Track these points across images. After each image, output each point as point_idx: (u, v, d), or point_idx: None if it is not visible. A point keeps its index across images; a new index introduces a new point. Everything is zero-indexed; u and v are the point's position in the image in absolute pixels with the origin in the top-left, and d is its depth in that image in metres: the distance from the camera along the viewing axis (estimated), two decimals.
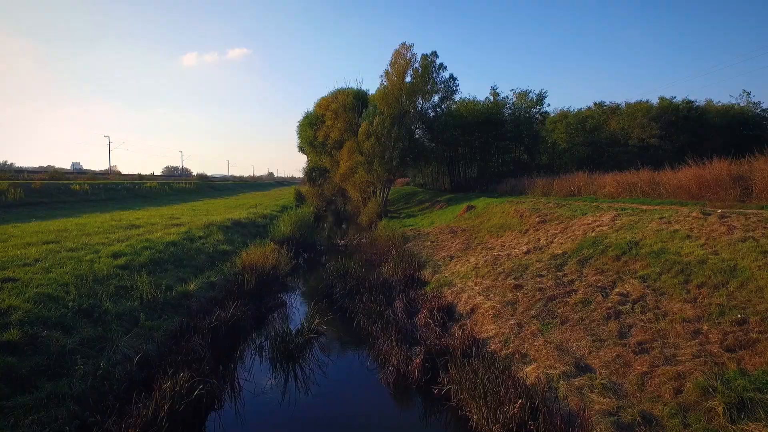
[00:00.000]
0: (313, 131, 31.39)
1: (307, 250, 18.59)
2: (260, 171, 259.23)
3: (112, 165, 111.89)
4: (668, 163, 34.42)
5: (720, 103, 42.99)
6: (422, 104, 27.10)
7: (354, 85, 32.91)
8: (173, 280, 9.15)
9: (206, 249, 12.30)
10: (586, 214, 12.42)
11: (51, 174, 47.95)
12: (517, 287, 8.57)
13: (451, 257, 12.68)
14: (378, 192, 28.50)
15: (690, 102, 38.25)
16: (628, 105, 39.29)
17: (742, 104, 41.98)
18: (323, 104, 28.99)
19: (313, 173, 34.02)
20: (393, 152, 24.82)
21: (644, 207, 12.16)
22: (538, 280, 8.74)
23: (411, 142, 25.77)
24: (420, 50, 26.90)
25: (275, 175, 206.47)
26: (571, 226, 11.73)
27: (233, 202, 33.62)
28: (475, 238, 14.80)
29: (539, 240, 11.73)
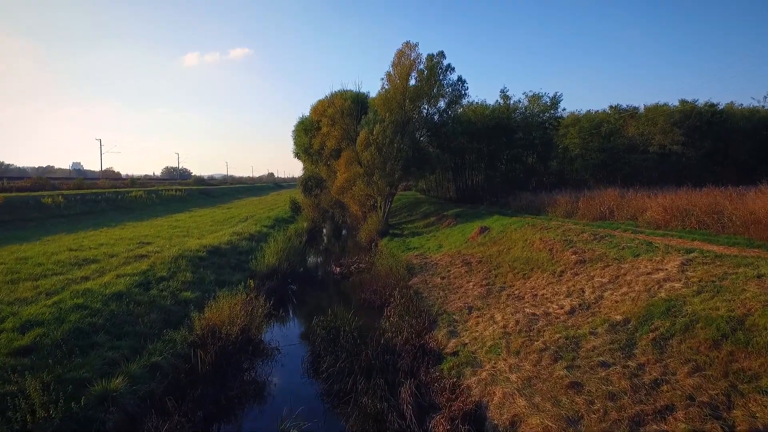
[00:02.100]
0: (309, 138, 28.92)
1: (298, 280, 16.11)
2: (260, 171, 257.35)
3: (108, 167, 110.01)
4: (694, 172, 31.95)
5: (742, 106, 40.47)
6: (427, 109, 24.58)
7: (353, 87, 30.42)
8: (97, 366, 6.66)
9: (162, 300, 9.81)
10: (638, 255, 9.90)
11: (35, 180, 45.55)
12: (574, 387, 6.06)
13: (470, 308, 10.17)
14: (378, 204, 25.99)
15: (713, 105, 35.63)
16: (647, 108, 36.71)
17: (767, 107, 39.48)
18: (319, 109, 26.49)
19: (309, 183, 31.56)
20: (395, 164, 22.30)
21: (715, 248, 9.64)
22: (603, 373, 6.23)
23: (415, 151, 23.26)
24: (420, 51, 25.11)
25: (275, 175, 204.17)
26: (624, 274, 9.21)
27: (222, 214, 31.19)
28: (496, 276, 12.29)
29: (583, 292, 9.22)
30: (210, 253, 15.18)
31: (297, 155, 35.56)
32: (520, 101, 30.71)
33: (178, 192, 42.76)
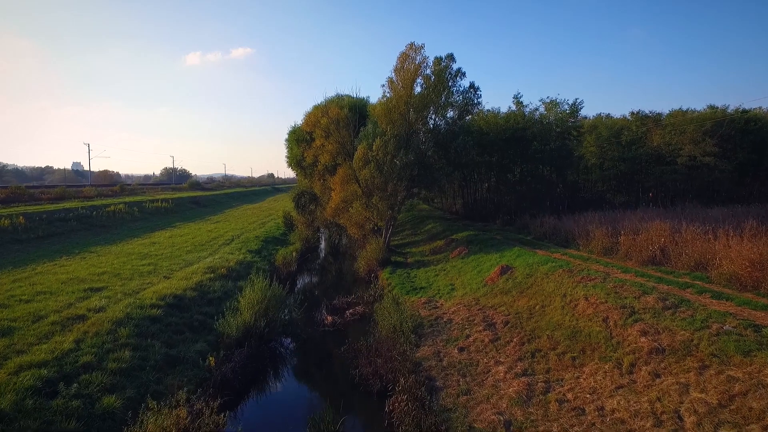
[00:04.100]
0: (301, 150, 25.92)
1: (278, 339, 13.08)
2: (260, 171, 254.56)
3: (105, 168, 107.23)
4: (725, 185, 28.90)
5: (765, 109, 37.38)
6: (435, 120, 21.59)
7: (351, 93, 27.43)
8: None
9: (65, 421, 6.82)
10: (750, 353, 6.90)
11: (11, 191, 42.71)
12: None
13: (508, 425, 7.18)
14: (378, 226, 22.98)
15: (746, 111, 32.58)
16: (671, 114, 33.62)
17: None
18: (311, 119, 23.48)
19: (302, 199, 28.59)
20: (398, 184, 19.34)
21: None
22: None
23: (420, 168, 20.26)
24: (427, 53, 21.75)
25: (275, 176, 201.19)
26: (743, 394, 6.21)
27: (207, 233, 28.21)
28: (534, 356, 9.29)
29: (680, 418, 6.22)
30: (169, 308, 12.20)
31: (290, 166, 32.64)
32: (537, 109, 27.65)
33: (164, 204, 39.78)
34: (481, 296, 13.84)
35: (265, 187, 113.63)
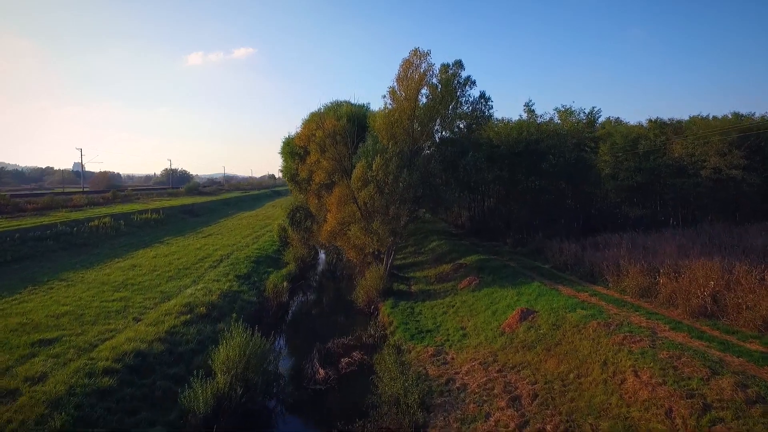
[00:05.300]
0: (295, 164, 23.92)
1: (261, 401, 11.05)
2: (261, 172, 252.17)
3: (103, 170, 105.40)
4: (750, 198, 26.75)
5: None
6: (441, 133, 19.56)
7: (350, 99, 25.42)
8: None
9: None
10: None
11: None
12: None
13: None
14: (379, 248, 20.92)
15: None
16: (692, 121, 31.43)
17: None
18: (305, 132, 21.45)
19: (297, 214, 26.58)
20: (400, 207, 17.29)
21: None
22: None
23: (426, 188, 18.21)
24: (433, 60, 19.67)
25: (276, 177, 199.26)
26: None
27: (195, 251, 26.19)
28: None
29: None
30: (127, 371, 10.19)
31: (285, 177, 30.74)
32: (551, 118, 25.54)
33: (153, 215, 37.78)
34: (498, 350, 11.78)
35: (265, 191, 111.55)
